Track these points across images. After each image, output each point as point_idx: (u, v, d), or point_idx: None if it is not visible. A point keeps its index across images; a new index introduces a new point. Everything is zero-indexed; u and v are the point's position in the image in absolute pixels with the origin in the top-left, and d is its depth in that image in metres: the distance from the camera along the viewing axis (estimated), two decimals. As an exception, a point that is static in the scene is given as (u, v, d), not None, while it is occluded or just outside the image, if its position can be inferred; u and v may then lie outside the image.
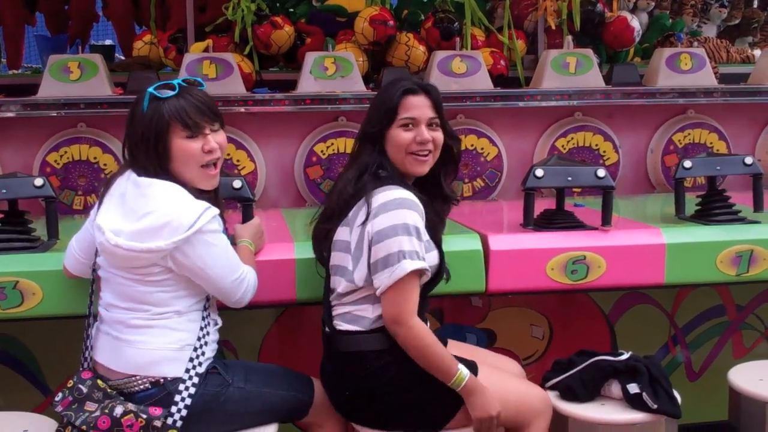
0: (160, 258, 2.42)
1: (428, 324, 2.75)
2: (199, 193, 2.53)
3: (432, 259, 2.59)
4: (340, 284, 2.61)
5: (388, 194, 2.55)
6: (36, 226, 2.96)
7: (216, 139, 2.54)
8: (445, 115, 2.72)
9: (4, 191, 2.88)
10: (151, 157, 2.48)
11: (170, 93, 2.50)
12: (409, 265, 2.46)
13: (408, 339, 2.50)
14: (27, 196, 2.91)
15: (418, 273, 2.51)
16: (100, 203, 2.55)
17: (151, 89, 2.51)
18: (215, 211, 2.47)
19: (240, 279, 2.55)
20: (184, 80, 2.58)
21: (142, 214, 2.41)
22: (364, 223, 2.55)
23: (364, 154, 2.68)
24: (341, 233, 2.63)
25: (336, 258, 2.64)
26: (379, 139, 2.66)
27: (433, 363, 2.52)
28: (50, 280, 2.76)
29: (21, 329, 3.24)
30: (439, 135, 2.68)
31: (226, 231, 2.73)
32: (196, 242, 2.42)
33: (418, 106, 2.66)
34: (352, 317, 2.59)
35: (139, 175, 2.48)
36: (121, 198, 2.49)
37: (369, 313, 2.57)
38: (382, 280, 2.49)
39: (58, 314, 2.79)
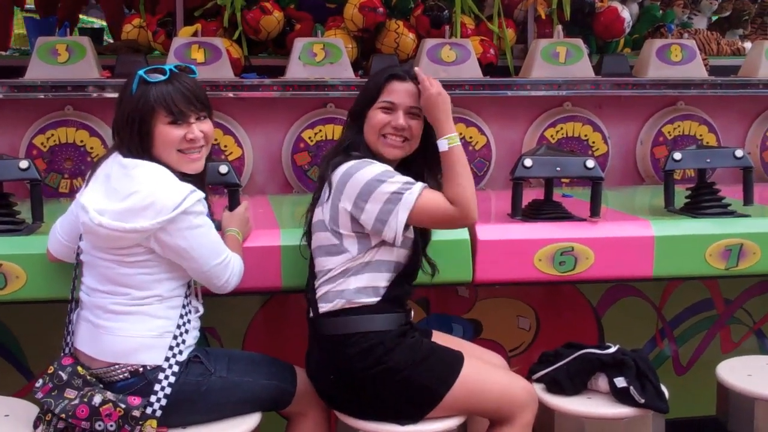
0: (144, 239, 2.40)
1: (413, 314, 2.75)
2: (184, 177, 2.51)
3: (408, 242, 2.61)
4: (320, 264, 2.62)
5: (344, 165, 2.58)
6: (21, 209, 2.94)
7: (201, 127, 2.53)
8: None
9: (-11, 174, 2.86)
10: (134, 140, 2.47)
11: (160, 78, 2.49)
12: (410, 197, 2.49)
13: (474, 207, 2.56)
14: (12, 178, 2.89)
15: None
16: (86, 185, 2.53)
17: (141, 72, 2.49)
18: (201, 194, 2.46)
19: (224, 263, 2.54)
20: (176, 66, 2.56)
21: (127, 194, 2.40)
22: (328, 199, 2.57)
23: (345, 133, 2.74)
24: (317, 213, 2.65)
25: (315, 239, 2.65)
26: (360, 118, 2.69)
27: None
28: (34, 264, 2.74)
29: (4, 313, 3.22)
30: (417, 124, 2.68)
31: (212, 215, 2.72)
32: (181, 223, 2.41)
33: (401, 92, 2.67)
34: (333, 294, 2.59)
35: (125, 156, 2.47)
36: (106, 178, 2.47)
37: (350, 284, 2.57)
38: (392, 227, 2.50)
39: (41, 298, 2.78)
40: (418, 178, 2.63)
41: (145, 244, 2.42)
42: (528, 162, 3.02)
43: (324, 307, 2.61)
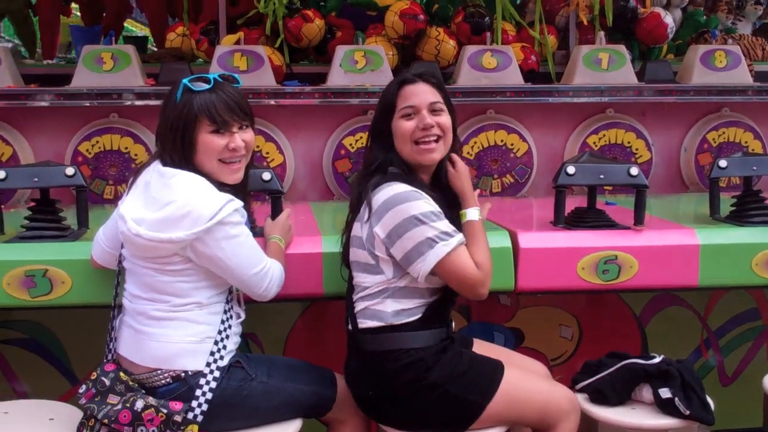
0: (180, 248, 2.41)
1: (453, 324, 2.73)
2: (224, 186, 2.52)
3: None
4: (357, 279, 2.61)
5: (387, 191, 2.52)
6: (66, 215, 2.98)
7: (243, 137, 2.54)
8: (449, 96, 2.69)
9: (36, 180, 2.91)
10: (177, 147, 2.49)
11: (204, 86, 2.50)
12: (443, 249, 2.45)
13: (489, 282, 2.55)
14: (58, 185, 2.94)
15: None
16: (128, 192, 2.56)
17: (185, 81, 2.51)
18: (237, 203, 2.46)
19: (263, 272, 2.54)
20: (220, 75, 2.58)
21: (164, 203, 2.41)
22: (368, 221, 2.54)
23: (373, 152, 2.67)
24: (356, 228, 2.62)
25: (353, 254, 2.63)
26: (385, 135, 2.64)
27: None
28: (79, 269, 2.77)
29: (50, 317, 3.26)
30: (444, 119, 2.63)
31: (254, 223, 2.73)
32: (217, 233, 2.41)
33: (417, 93, 2.62)
34: (372, 312, 2.57)
35: (165, 164, 2.49)
36: (145, 187, 2.49)
37: (387, 307, 2.55)
38: (418, 269, 2.47)
39: (86, 303, 2.80)
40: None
41: (182, 253, 2.43)
42: (571, 169, 2.99)
43: (363, 324, 2.59)
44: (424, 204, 2.49)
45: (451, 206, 2.66)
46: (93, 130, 4.22)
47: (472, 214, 2.63)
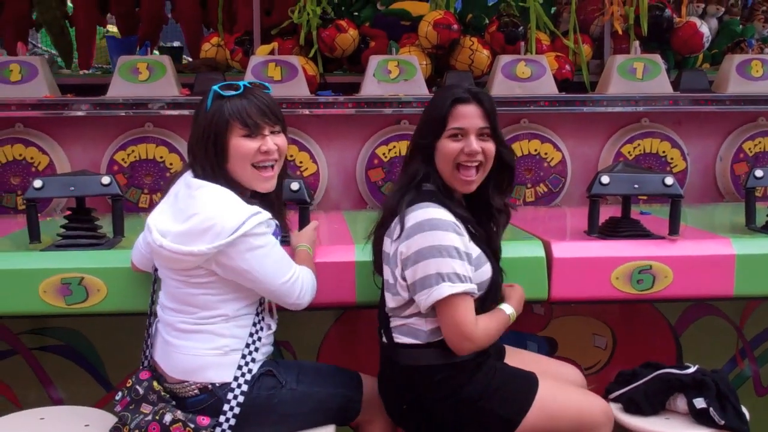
0: (204, 261, 2.40)
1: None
2: (256, 196, 2.52)
3: (483, 274, 2.54)
4: (389, 299, 2.58)
5: (423, 213, 2.48)
6: (102, 224, 3.00)
7: (275, 140, 2.53)
8: (498, 124, 2.63)
9: (72, 189, 2.93)
10: (209, 155, 2.48)
11: (234, 92, 2.51)
12: (447, 290, 2.41)
13: (477, 349, 2.50)
14: (94, 193, 2.96)
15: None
16: (160, 202, 2.57)
17: (215, 87, 2.51)
18: (263, 216, 2.43)
19: (292, 281, 2.51)
20: (250, 82, 2.58)
21: (188, 215, 2.41)
22: (397, 239, 2.51)
23: (413, 164, 2.62)
24: (386, 244, 2.59)
25: (385, 272, 2.60)
26: (429, 150, 2.59)
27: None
28: (115, 277, 2.79)
29: (85, 324, 3.29)
30: (489, 146, 2.58)
31: (287, 232, 2.72)
32: (240, 245, 2.39)
33: (468, 115, 2.56)
34: (408, 330, 2.55)
35: (195, 175, 2.48)
36: (174, 198, 2.50)
37: (423, 326, 2.53)
38: (421, 300, 2.45)
39: (121, 311, 2.82)
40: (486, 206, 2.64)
41: (206, 266, 2.42)
42: (605, 179, 2.98)
43: (399, 339, 2.57)
44: (455, 238, 2.46)
45: (481, 222, 2.64)
46: (128, 140, 4.27)
47: (507, 308, 2.61)
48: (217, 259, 2.40)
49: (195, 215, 2.39)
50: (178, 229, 2.40)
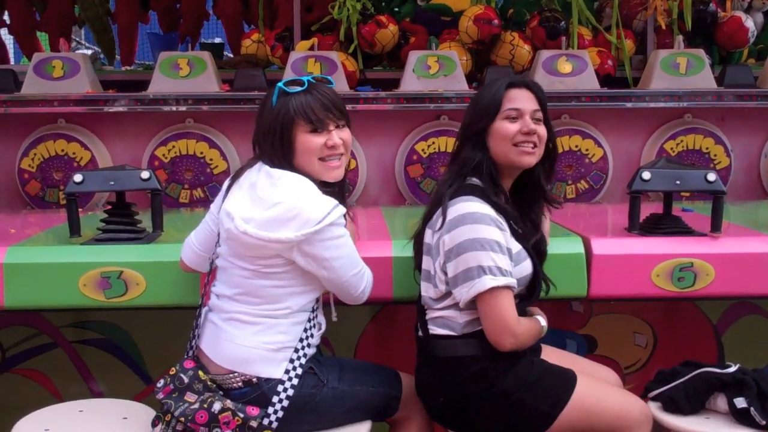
0: (286, 249, 2.42)
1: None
2: (324, 187, 2.54)
3: (523, 270, 2.54)
4: (427, 290, 2.59)
5: (465, 206, 2.48)
6: (142, 218, 3.03)
7: (340, 135, 2.55)
8: (549, 115, 2.66)
9: (112, 183, 2.96)
10: (277, 150, 2.51)
11: (298, 89, 2.53)
12: (489, 282, 2.41)
13: (517, 347, 2.48)
14: (134, 188, 2.98)
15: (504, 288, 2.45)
16: (227, 193, 2.58)
17: (280, 84, 2.54)
18: (343, 209, 2.47)
19: (360, 273, 2.55)
20: (314, 77, 2.60)
21: (272, 203, 2.43)
22: (439, 230, 2.52)
23: (463, 153, 2.63)
24: (427, 235, 2.61)
25: (425, 262, 2.61)
26: (481, 136, 2.60)
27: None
28: (154, 271, 2.81)
29: (125, 318, 3.32)
30: (543, 129, 2.61)
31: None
32: (324, 234, 2.42)
33: (523, 98, 2.60)
34: (444, 322, 2.56)
35: (271, 166, 2.51)
36: (251, 188, 2.51)
37: (458, 318, 2.53)
38: (462, 293, 2.45)
39: (160, 304, 2.84)
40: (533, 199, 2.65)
41: (286, 255, 2.44)
42: (646, 175, 2.94)
43: (434, 330, 2.58)
44: (495, 232, 2.46)
45: (524, 214, 2.64)
46: (169, 135, 4.30)
47: (542, 320, 2.62)
48: (300, 247, 2.42)
49: (280, 203, 2.42)
50: (262, 217, 2.42)
